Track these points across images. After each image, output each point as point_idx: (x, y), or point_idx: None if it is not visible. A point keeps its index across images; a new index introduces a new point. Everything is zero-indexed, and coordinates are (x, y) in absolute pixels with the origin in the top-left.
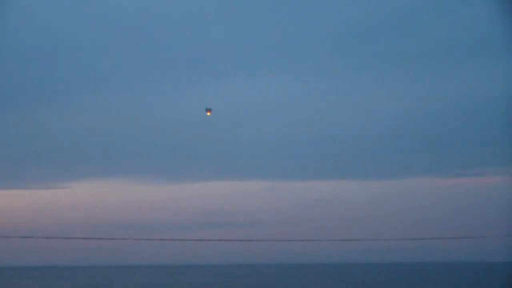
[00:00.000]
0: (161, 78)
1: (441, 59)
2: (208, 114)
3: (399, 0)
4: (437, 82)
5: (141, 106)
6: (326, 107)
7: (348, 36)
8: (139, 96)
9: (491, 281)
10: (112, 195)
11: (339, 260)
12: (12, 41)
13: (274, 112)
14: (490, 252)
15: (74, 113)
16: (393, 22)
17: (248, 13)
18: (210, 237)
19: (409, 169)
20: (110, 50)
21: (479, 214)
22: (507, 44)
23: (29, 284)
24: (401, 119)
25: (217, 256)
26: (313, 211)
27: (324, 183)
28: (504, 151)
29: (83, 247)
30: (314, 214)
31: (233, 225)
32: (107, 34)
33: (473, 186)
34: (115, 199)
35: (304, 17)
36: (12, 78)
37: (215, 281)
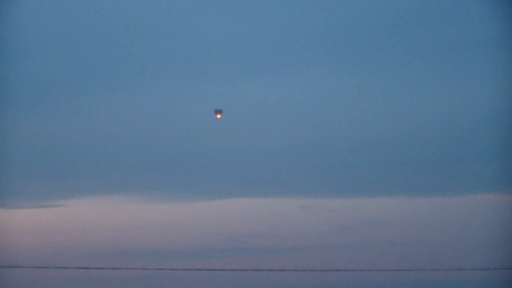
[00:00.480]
0: (166, 78)
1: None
2: (218, 116)
3: None
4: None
5: (145, 108)
6: (364, 108)
7: (386, 28)
8: (143, 97)
9: None
10: (114, 215)
11: None
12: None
13: (300, 113)
14: None
15: (67, 116)
16: (435, 10)
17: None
18: (232, 266)
19: (471, 182)
20: (110, 49)
21: None
22: None
23: None
24: (457, 122)
25: None
26: (356, 235)
27: (369, 201)
28: None
29: (80, 278)
30: (358, 238)
31: (258, 252)
32: (107, 32)
33: None
34: (118, 220)
35: (334, 6)
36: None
37: None
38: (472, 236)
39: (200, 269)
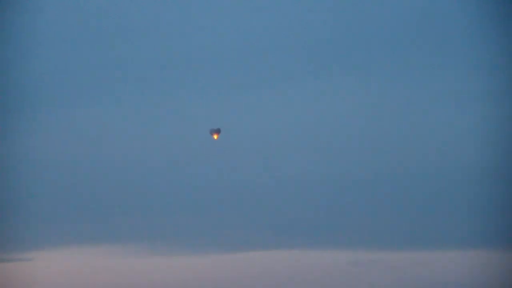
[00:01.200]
0: (157, 92)
1: None
2: (215, 137)
3: None
4: None
5: (129, 129)
6: (411, 125)
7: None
8: (127, 116)
9: None
10: (95, 270)
11: None
12: None
13: (329, 133)
14: None
15: (31, 137)
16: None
17: None
18: None
19: None
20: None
21: None
22: None
23: None
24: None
25: None
26: None
27: (445, 255)
28: None
29: None
30: None
31: None
32: (99, 36)
33: None
34: (98, 278)
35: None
36: None
37: None
38: None
39: None
